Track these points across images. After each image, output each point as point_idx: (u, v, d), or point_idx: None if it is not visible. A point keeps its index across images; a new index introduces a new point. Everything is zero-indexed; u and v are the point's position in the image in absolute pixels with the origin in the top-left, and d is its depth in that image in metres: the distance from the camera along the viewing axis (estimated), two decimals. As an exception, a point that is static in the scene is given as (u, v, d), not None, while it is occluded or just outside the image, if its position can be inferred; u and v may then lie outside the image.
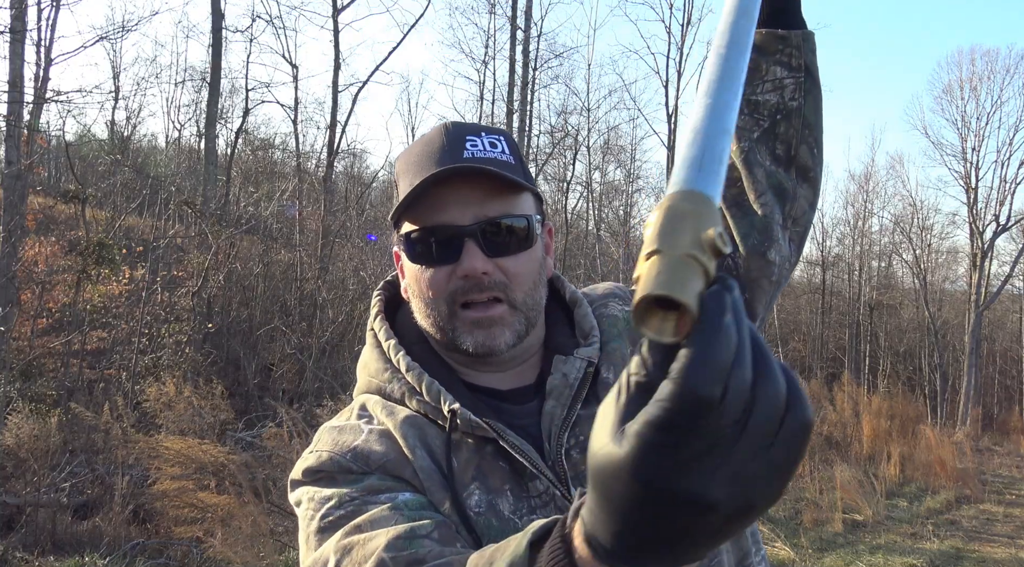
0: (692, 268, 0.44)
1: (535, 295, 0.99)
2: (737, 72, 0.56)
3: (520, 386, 1.02)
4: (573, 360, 0.98)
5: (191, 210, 14.64)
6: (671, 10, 24.16)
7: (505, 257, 0.95)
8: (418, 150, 0.99)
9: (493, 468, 0.93)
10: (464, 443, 0.94)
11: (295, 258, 15.33)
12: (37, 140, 12.44)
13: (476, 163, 0.94)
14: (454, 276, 0.95)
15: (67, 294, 11.91)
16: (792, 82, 1.07)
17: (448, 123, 1.01)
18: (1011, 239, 23.55)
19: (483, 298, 0.95)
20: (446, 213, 0.95)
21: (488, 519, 0.90)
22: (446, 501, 0.90)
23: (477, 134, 0.98)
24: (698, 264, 0.45)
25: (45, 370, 10.88)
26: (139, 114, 27.40)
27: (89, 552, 6.22)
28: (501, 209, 0.95)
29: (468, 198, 0.94)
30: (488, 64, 20.10)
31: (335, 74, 15.97)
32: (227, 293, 13.70)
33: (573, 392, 0.96)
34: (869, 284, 26.76)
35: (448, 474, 0.91)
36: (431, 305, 0.98)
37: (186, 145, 25.20)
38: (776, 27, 1.07)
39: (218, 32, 16.86)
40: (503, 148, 0.98)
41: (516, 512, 0.91)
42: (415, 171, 0.96)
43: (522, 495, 0.92)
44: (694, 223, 0.45)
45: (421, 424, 0.95)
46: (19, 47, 10.56)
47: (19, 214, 10.60)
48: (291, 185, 18.84)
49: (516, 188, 0.96)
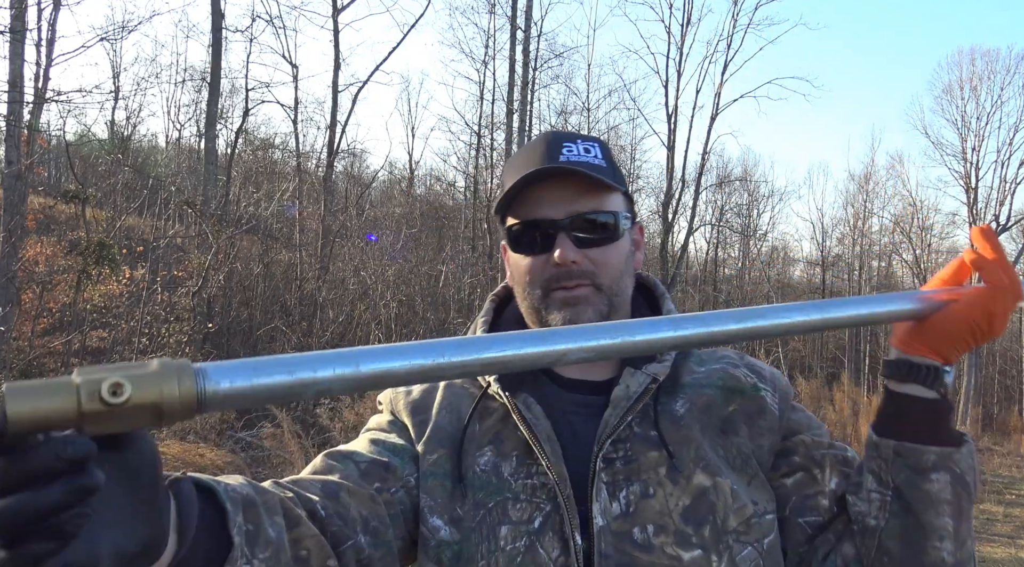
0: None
1: (620, 283, 1.09)
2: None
3: (587, 379, 1.10)
4: (639, 374, 1.04)
5: (191, 210, 14.64)
6: (671, 10, 24.15)
7: (593, 248, 1.06)
8: (522, 154, 1.12)
9: (510, 436, 1.04)
10: (494, 411, 1.07)
11: (295, 258, 15.33)
12: (37, 140, 12.45)
13: (572, 165, 1.05)
14: (548, 264, 1.06)
15: (67, 294, 11.91)
16: (878, 498, 0.98)
17: (549, 131, 1.14)
18: (1011, 239, 23.56)
19: (572, 284, 1.06)
20: (542, 208, 1.07)
21: (489, 477, 1.02)
22: (436, 454, 1.05)
23: (573, 141, 1.09)
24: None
25: (45, 370, 10.89)
26: (139, 114, 27.46)
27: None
28: (591, 206, 1.06)
29: (562, 196, 1.06)
30: (488, 64, 20.12)
31: (335, 74, 15.98)
32: (227, 293, 13.70)
33: (630, 404, 1.02)
34: (869, 284, 26.77)
35: (461, 435, 1.06)
36: (528, 289, 1.10)
37: (186, 145, 25.23)
38: (881, 431, 0.99)
39: (218, 32, 16.86)
40: (596, 153, 1.09)
41: (514, 475, 1.02)
42: (516, 171, 1.08)
43: (527, 461, 1.02)
44: None
45: (459, 391, 1.12)
46: (19, 47, 10.56)
47: (19, 214, 10.61)
48: (291, 185, 18.85)
49: (606, 188, 1.07)
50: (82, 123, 26.94)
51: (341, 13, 16.32)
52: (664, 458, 1.00)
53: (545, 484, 1.00)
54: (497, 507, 1.00)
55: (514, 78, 17.59)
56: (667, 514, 0.97)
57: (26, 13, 10.85)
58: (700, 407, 1.06)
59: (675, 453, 1.00)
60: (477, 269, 16.99)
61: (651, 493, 0.98)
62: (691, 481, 0.99)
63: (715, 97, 19.95)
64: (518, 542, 0.97)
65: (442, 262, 17.35)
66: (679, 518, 0.97)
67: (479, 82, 20.44)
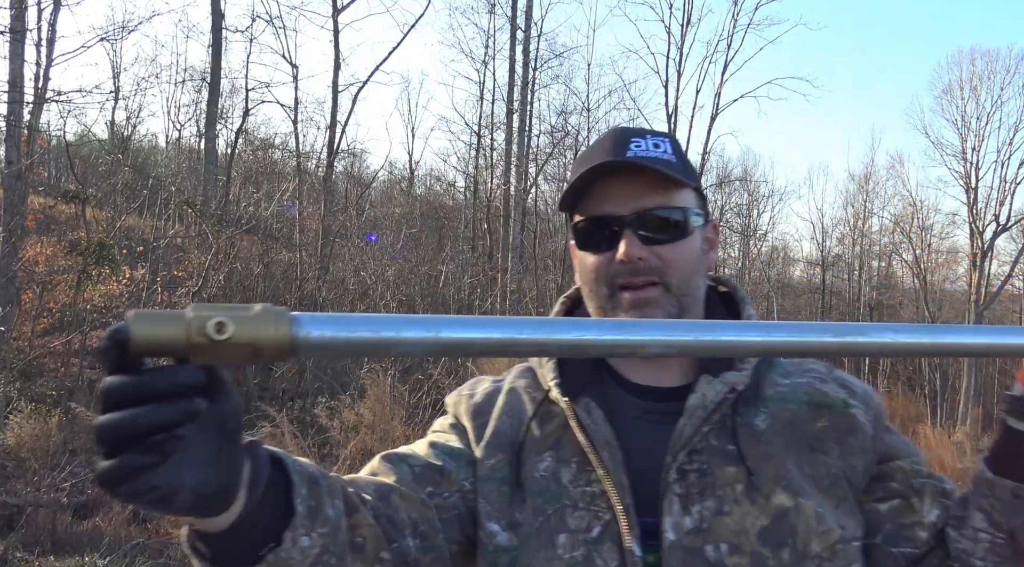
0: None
1: (691, 283, 1.04)
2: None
3: (657, 385, 1.06)
4: (717, 383, 1.00)
5: (191, 210, 14.64)
6: (671, 10, 24.08)
7: (661, 246, 1.02)
8: (589, 149, 1.09)
9: (570, 441, 1.02)
10: (555, 416, 1.05)
11: (295, 258, 15.33)
12: (37, 140, 12.45)
13: (638, 160, 1.02)
14: (613, 262, 1.03)
15: (67, 294, 11.91)
16: (987, 539, 0.92)
17: (618, 127, 1.11)
18: (1011, 239, 23.57)
19: (639, 282, 1.02)
20: (608, 205, 1.04)
21: (548, 483, 1.00)
22: (494, 458, 1.04)
23: (642, 136, 1.06)
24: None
25: (45, 370, 10.89)
26: (139, 114, 27.41)
27: (89, 552, 6.23)
28: (658, 201, 1.03)
29: (628, 191, 1.03)
30: (488, 64, 20.12)
31: (335, 74, 15.99)
32: (227, 293, 13.68)
33: (707, 414, 0.98)
34: (869, 284, 26.77)
35: (520, 440, 1.04)
36: (594, 287, 1.06)
37: (186, 145, 25.22)
38: (997, 469, 0.92)
39: (218, 32, 16.87)
40: (665, 148, 1.05)
41: (573, 482, 0.99)
42: (582, 167, 1.05)
43: (585, 468, 0.99)
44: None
45: (521, 396, 1.10)
46: (19, 47, 10.56)
47: (19, 214, 10.61)
48: (291, 185, 18.85)
49: (675, 183, 1.03)
50: (82, 123, 26.92)
51: (341, 13, 16.33)
52: (742, 475, 0.95)
53: (604, 492, 0.97)
54: (556, 514, 0.98)
55: (514, 78, 17.60)
56: (743, 534, 0.93)
57: (26, 13, 10.85)
58: (783, 422, 1.00)
59: (754, 470, 0.95)
60: (477, 269, 16.99)
61: (726, 511, 0.94)
62: (770, 501, 0.94)
63: (715, 97, 19.96)
64: (575, 551, 0.95)
65: (442, 262, 17.35)
66: (756, 539, 0.92)
67: (479, 82, 20.45)
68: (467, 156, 22.03)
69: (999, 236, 22.30)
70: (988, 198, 22.23)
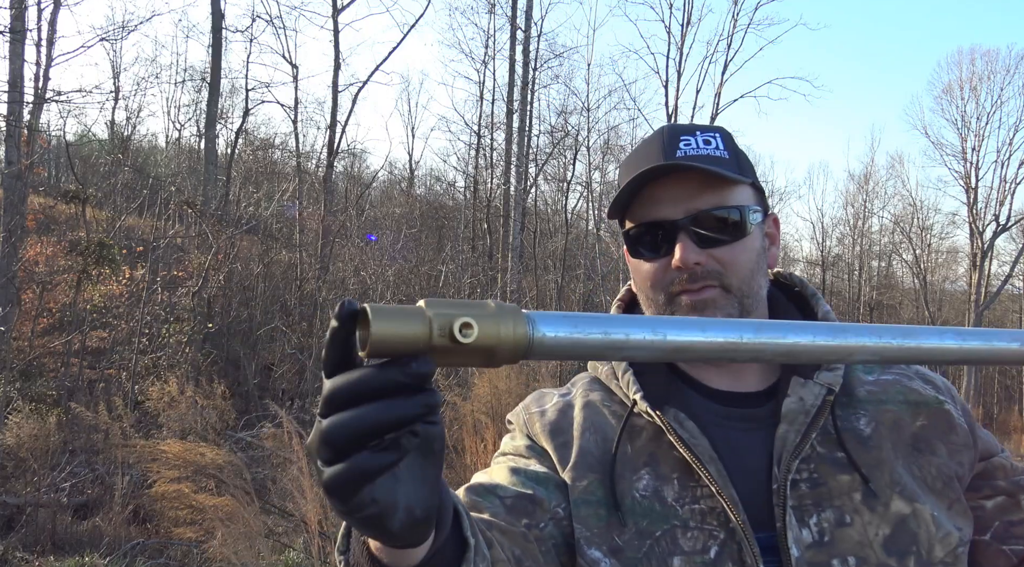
0: None
1: (752, 283, 0.99)
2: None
3: (738, 390, 1.01)
4: (812, 385, 0.96)
5: (191, 210, 14.64)
6: (671, 10, 24.07)
7: (719, 247, 0.97)
8: (638, 152, 1.04)
9: (667, 456, 0.96)
10: (643, 429, 0.99)
11: (295, 258, 15.33)
12: (37, 140, 12.44)
13: (689, 161, 0.97)
14: (670, 268, 0.98)
15: (67, 294, 11.91)
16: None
17: (666, 126, 1.04)
18: (1011, 239, 23.59)
19: (697, 287, 0.97)
20: (660, 209, 0.99)
21: (651, 503, 0.93)
22: (586, 480, 0.96)
23: (692, 133, 1.01)
24: None
25: (45, 370, 10.89)
26: (139, 114, 27.46)
27: (89, 552, 6.23)
28: (713, 201, 0.97)
29: (680, 193, 0.98)
30: (488, 64, 20.13)
31: (335, 74, 15.99)
32: (227, 293, 13.69)
33: (809, 419, 0.93)
34: (869, 284, 26.78)
35: (612, 458, 0.97)
36: (651, 296, 1.02)
37: (186, 145, 25.22)
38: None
39: (218, 32, 16.87)
40: (717, 144, 1.00)
41: (679, 500, 0.93)
42: (630, 171, 1.00)
43: (689, 484, 0.93)
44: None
45: (600, 410, 1.03)
46: (19, 47, 10.56)
47: (19, 214, 10.61)
48: (291, 185, 18.85)
49: (729, 181, 0.98)
50: (82, 123, 26.95)
51: (341, 13, 16.33)
52: (858, 483, 0.91)
53: (714, 509, 0.91)
54: (665, 536, 0.91)
55: (514, 78, 17.59)
56: (868, 545, 0.88)
57: (26, 13, 10.85)
58: (888, 425, 0.96)
59: (869, 477, 0.91)
60: (477, 269, 16.99)
61: (848, 521, 0.89)
62: (889, 508, 0.90)
63: (715, 97, 19.96)
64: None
65: (442, 262, 17.36)
66: (880, 549, 0.88)
67: (479, 82, 20.47)
68: (467, 156, 22.06)
69: (999, 236, 22.33)
70: (988, 198, 22.26)
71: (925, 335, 0.70)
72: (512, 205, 16.36)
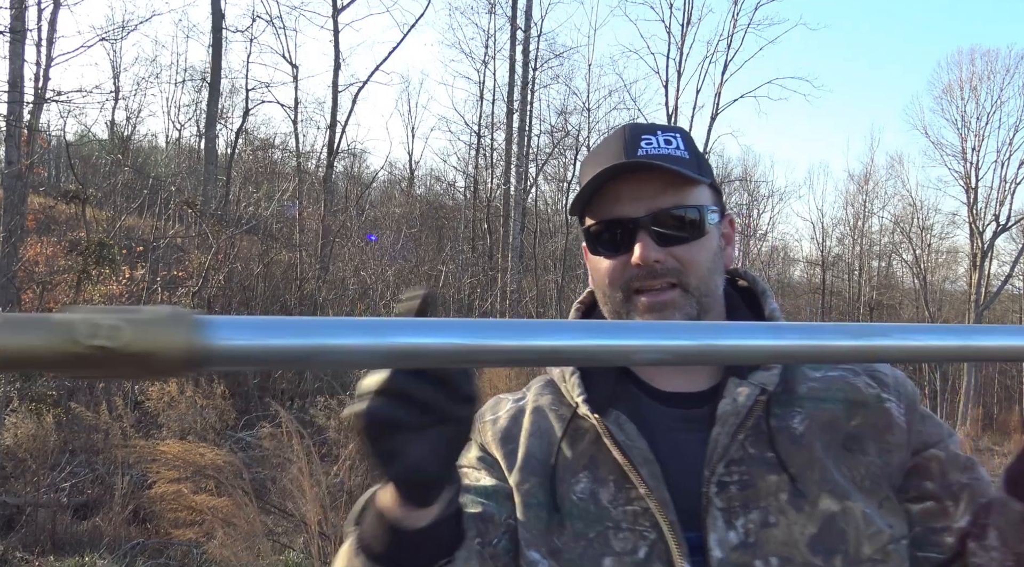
0: None
1: (710, 282, 1.01)
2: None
3: (685, 390, 1.02)
4: (745, 385, 0.96)
5: (191, 210, 14.64)
6: (671, 10, 24.08)
7: (678, 246, 0.99)
8: (598, 149, 1.05)
9: (605, 459, 0.97)
10: (586, 433, 1.00)
11: (295, 258, 15.34)
12: (37, 140, 12.45)
13: (650, 160, 0.99)
14: (628, 265, 0.99)
15: (67, 294, 11.90)
16: (998, 558, 0.89)
17: (627, 125, 1.06)
18: (1011, 239, 23.58)
19: (657, 284, 0.99)
20: (621, 206, 1.00)
21: (588, 505, 0.96)
22: (528, 483, 0.99)
23: (653, 133, 1.03)
24: None
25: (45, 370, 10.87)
26: (139, 114, 27.43)
27: (89, 552, 6.23)
28: (673, 201, 0.99)
29: (641, 192, 0.99)
30: (488, 64, 20.15)
31: (335, 74, 16.00)
32: (227, 293, 13.70)
33: (739, 421, 0.94)
34: (869, 284, 26.78)
35: (553, 461, 1.00)
36: (608, 292, 1.03)
37: (186, 145, 25.23)
38: (1013, 489, 0.89)
39: (218, 32, 16.88)
40: (678, 144, 1.02)
41: (613, 502, 0.95)
42: (592, 169, 1.01)
43: (625, 486, 0.95)
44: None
45: (547, 415, 1.05)
46: (19, 47, 10.57)
47: (19, 214, 10.61)
48: (291, 185, 18.85)
49: (689, 181, 1.00)
50: (82, 123, 26.93)
51: (341, 13, 16.34)
52: (785, 482, 0.92)
53: (647, 510, 0.93)
54: (599, 538, 0.93)
55: (514, 78, 17.59)
56: (793, 545, 0.89)
57: (26, 13, 10.85)
58: (821, 424, 0.96)
59: (797, 476, 0.92)
60: (477, 269, 17.00)
61: (773, 522, 0.90)
62: (817, 507, 0.91)
63: (715, 97, 19.98)
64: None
65: (442, 262, 17.37)
66: (806, 548, 0.89)
67: (479, 82, 20.48)
68: (467, 156, 22.07)
69: (999, 236, 22.34)
70: (988, 198, 22.28)
71: (825, 333, 0.63)
72: (512, 205, 16.36)
